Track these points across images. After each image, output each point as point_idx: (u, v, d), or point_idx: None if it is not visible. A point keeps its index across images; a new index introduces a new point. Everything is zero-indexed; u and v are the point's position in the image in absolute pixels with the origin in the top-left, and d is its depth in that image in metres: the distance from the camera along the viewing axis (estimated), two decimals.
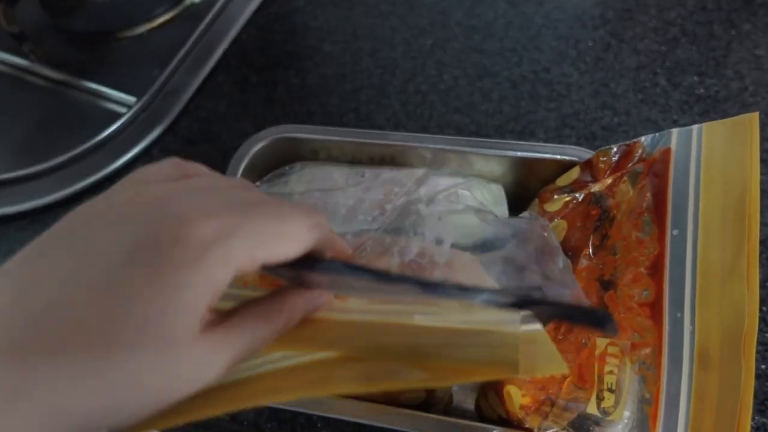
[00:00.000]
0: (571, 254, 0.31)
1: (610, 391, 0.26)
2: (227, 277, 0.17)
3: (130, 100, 0.53)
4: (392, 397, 0.31)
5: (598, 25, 0.51)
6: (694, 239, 0.27)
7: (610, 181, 0.32)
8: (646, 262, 0.28)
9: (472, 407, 0.35)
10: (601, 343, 0.27)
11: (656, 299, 0.27)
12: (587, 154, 0.36)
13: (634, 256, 0.29)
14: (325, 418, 0.37)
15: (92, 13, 0.59)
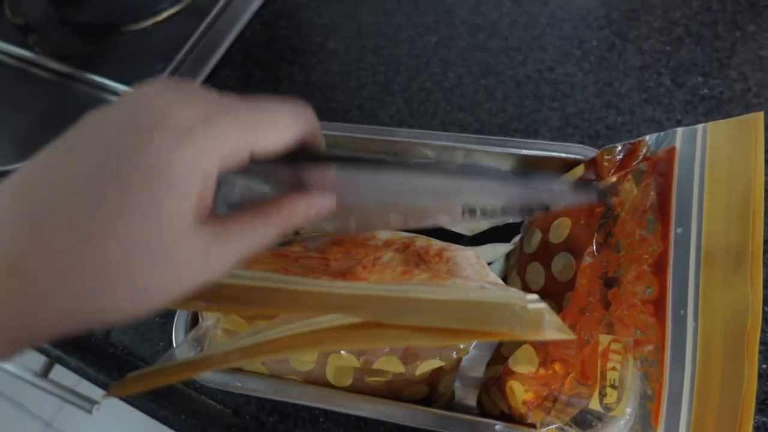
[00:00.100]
0: (575, 251, 0.31)
1: (612, 387, 0.26)
2: (215, 162, 0.17)
3: None
4: (394, 392, 0.31)
5: (602, 25, 0.51)
6: (698, 237, 0.27)
7: (614, 179, 0.32)
8: (649, 259, 0.29)
9: (473, 404, 0.35)
10: (603, 339, 0.28)
11: (659, 297, 0.27)
12: (591, 152, 0.36)
13: (637, 253, 0.29)
14: (326, 411, 0.37)
15: (98, 6, 0.59)
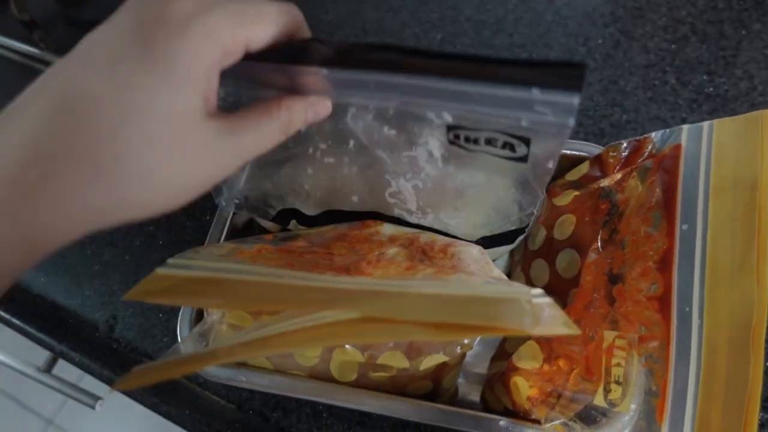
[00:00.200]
0: (580, 248, 0.31)
1: (617, 383, 0.26)
2: (216, 53, 0.18)
3: None
4: (398, 387, 0.32)
5: (608, 22, 0.51)
6: (703, 234, 0.27)
7: (619, 176, 0.32)
8: (654, 256, 0.29)
9: (477, 399, 0.36)
10: (608, 336, 0.28)
11: (665, 293, 0.27)
12: (597, 149, 0.36)
13: (642, 250, 0.29)
14: (330, 407, 0.37)
15: (102, 3, 0.60)
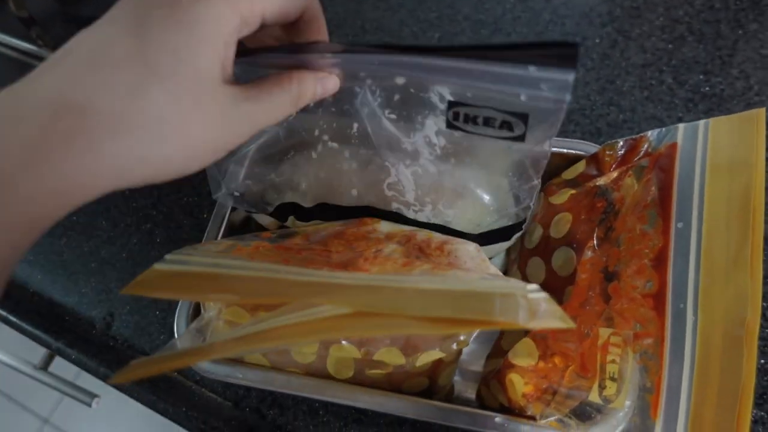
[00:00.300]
0: (576, 246, 0.31)
1: (612, 379, 0.26)
2: (235, 21, 0.19)
3: None
4: (394, 384, 0.32)
5: (605, 22, 0.51)
6: (698, 232, 0.27)
7: (615, 174, 0.33)
8: (650, 254, 0.29)
9: (473, 397, 0.36)
10: (603, 333, 0.28)
11: (659, 290, 0.28)
12: (593, 148, 0.36)
13: (638, 248, 0.29)
14: (327, 404, 0.37)
15: (101, 0, 0.59)
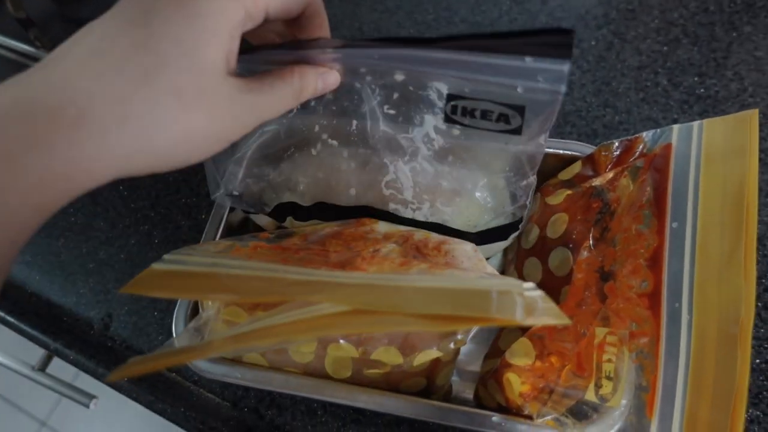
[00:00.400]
0: (572, 246, 0.32)
1: (608, 378, 0.27)
2: (239, 14, 0.20)
3: None
4: (392, 384, 0.32)
5: (601, 24, 0.52)
6: (693, 231, 0.28)
7: (611, 175, 0.33)
8: (645, 254, 0.29)
9: (470, 397, 0.36)
10: (599, 332, 0.28)
11: (655, 290, 0.28)
12: (589, 149, 0.36)
13: (633, 248, 0.29)
14: (325, 404, 0.37)
15: (98, 1, 0.59)
